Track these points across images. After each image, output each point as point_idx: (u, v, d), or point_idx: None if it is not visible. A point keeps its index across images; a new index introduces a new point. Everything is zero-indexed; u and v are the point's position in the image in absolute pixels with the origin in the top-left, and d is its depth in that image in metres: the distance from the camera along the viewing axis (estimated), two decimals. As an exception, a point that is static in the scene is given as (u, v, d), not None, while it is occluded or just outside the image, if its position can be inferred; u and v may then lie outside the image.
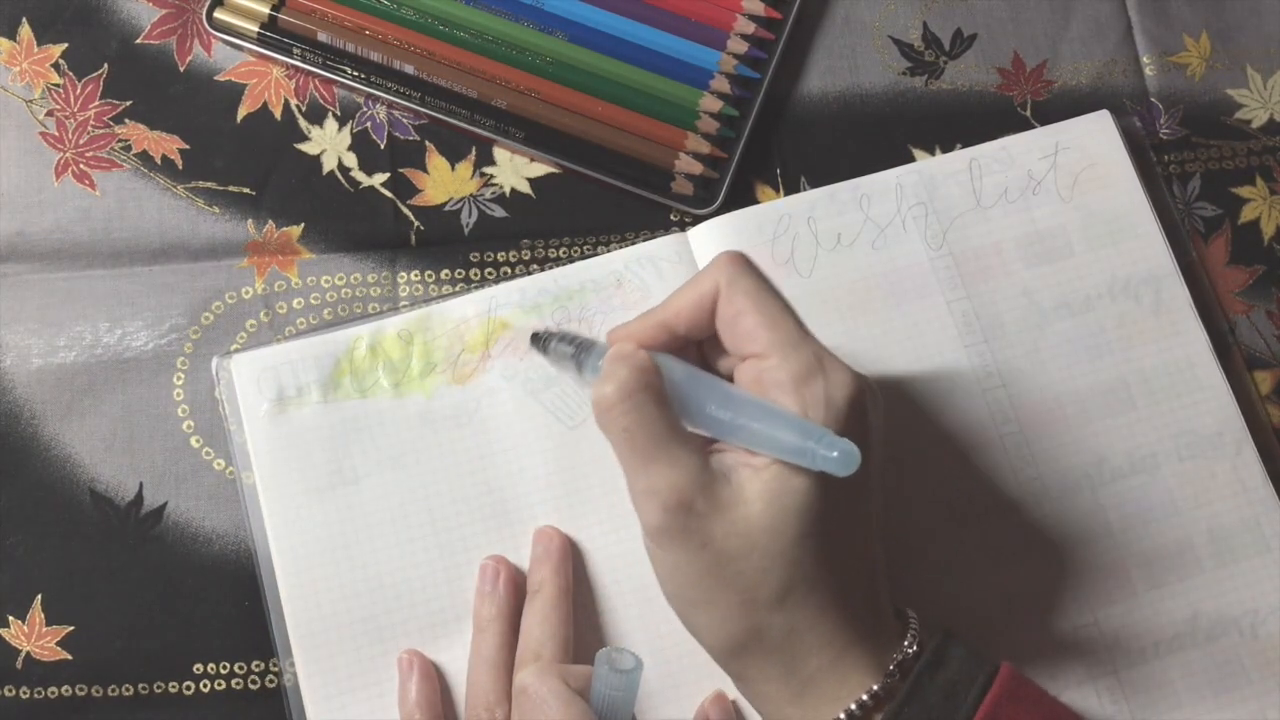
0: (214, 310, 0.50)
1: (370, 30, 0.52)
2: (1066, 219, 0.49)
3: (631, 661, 0.39)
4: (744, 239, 0.48)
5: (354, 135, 0.52)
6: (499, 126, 0.51)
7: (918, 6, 0.55)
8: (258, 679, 0.46)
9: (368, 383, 0.47)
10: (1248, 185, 0.52)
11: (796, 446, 0.34)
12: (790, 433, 0.34)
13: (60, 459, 0.48)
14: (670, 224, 0.51)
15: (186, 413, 0.48)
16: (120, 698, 0.45)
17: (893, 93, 0.53)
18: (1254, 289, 0.51)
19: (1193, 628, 0.45)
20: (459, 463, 0.46)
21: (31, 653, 0.46)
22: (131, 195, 0.51)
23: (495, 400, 0.47)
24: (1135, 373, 0.48)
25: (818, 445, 0.33)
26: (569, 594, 0.44)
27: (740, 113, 0.52)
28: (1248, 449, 0.47)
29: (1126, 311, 0.48)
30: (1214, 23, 0.54)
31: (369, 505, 0.46)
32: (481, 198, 0.52)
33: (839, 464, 0.33)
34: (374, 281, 0.50)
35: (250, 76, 0.53)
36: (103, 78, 0.53)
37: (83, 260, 0.50)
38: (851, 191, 0.50)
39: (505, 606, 0.44)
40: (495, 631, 0.43)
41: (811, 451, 0.33)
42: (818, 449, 0.33)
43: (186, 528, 0.47)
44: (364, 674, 0.44)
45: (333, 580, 0.45)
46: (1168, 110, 0.53)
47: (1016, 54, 0.54)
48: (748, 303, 0.36)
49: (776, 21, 0.53)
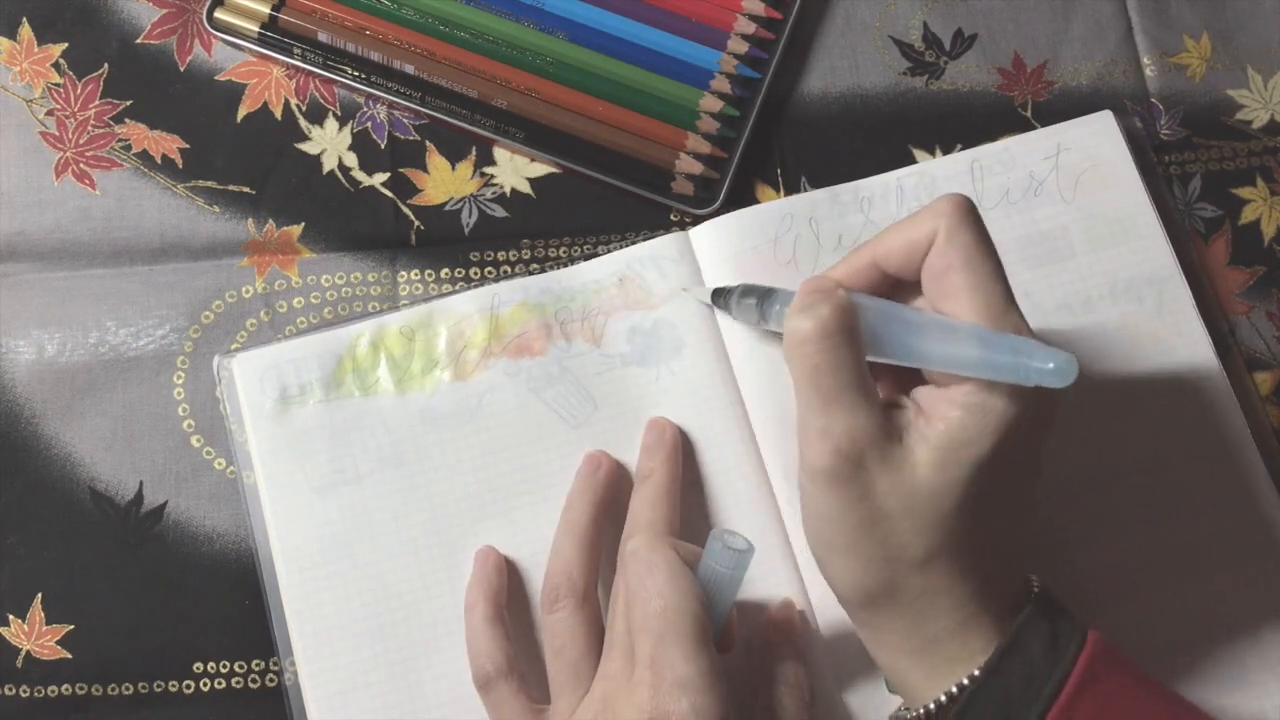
0: (214, 309, 0.50)
1: (370, 30, 0.52)
2: (1068, 220, 0.49)
3: (745, 543, 0.39)
4: (747, 238, 0.48)
5: (354, 135, 0.52)
6: (499, 126, 0.51)
7: (918, 6, 0.55)
8: (258, 678, 0.46)
9: (370, 380, 0.47)
10: (1248, 186, 0.52)
11: (1009, 363, 0.33)
12: (1000, 351, 0.33)
13: (60, 458, 0.48)
14: (671, 224, 0.51)
15: (187, 412, 0.48)
16: (120, 696, 0.45)
17: (893, 93, 0.53)
18: (1254, 290, 0.51)
19: (1193, 628, 0.45)
20: (461, 461, 0.46)
21: (31, 651, 0.46)
22: (131, 195, 0.51)
23: (497, 398, 0.47)
24: (1137, 374, 0.48)
25: (1030, 359, 0.32)
26: (678, 484, 0.44)
27: (741, 113, 0.52)
28: (1248, 449, 0.47)
29: (1128, 312, 0.48)
30: (1214, 23, 0.54)
31: (371, 503, 0.45)
32: (482, 197, 0.52)
33: (1055, 375, 0.32)
34: (374, 281, 0.50)
35: (250, 76, 0.53)
36: (103, 77, 0.53)
37: (83, 260, 0.50)
38: (853, 193, 0.50)
39: (602, 492, 0.44)
40: (587, 507, 0.44)
41: (1025, 366, 0.33)
42: (1030, 362, 0.32)
43: (187, 527, 0.47)
44: (365, 673, 0.44)
45: (334, 579, 0.45)
46: (1168, 111, 0.53)
47: (1017, 54, 0.54)
48: (960, 258, 0.35)
49: (777, 21, 0.53)
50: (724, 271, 0.48)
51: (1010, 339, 0.34)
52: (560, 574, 0.42)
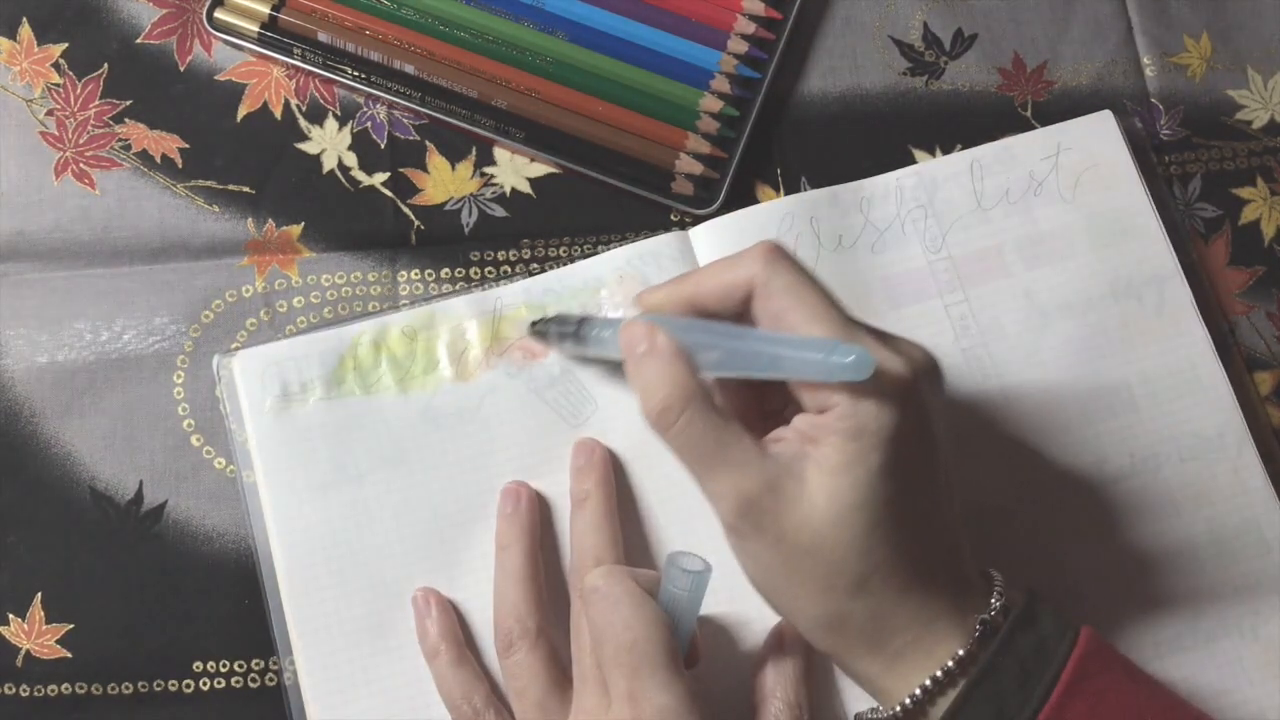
0: (214, 309, 0.50)
1: (370, 30, 0.52)
2: (1069, 220, 0.49)
3: (700, 564, 0.39)
4: (747, 238, 0.48)
5: (354, 135, 0.52)
6: (499, 126, 0.51)
7: (918, 7, 0.55)
8: (258, 677, 0.46)
9: (371, 380, 0.47)
10: (1248, 186, 0.52)
11: (813, 361, 0.34)
12: (805, 350, 0.34)
13: (60, 457, 0.48)
14: (671, 224, 0.51)
15: (187, 411, 0.48)
16: (120, 696, 0.45)
17: (893, 93, 0.53)
18: (1254, 290, 0.51)
19: (1193, 628, 0.45)
20: (462, 460, 0.46)
21: (31, 651, 0.46)
22: (131, 194, 0.51)
23: (498, 398, 0.47)
24: (1137, 374, 0.48)
25: (830, 355, 0.33)
26: (615, 503, 0.45)
27: (741, 113, 0.52)
28: (1248, 450, 0.47)
29: (1129, 312, 0.48)
30: (1214, 23, 0.54)
31: (371, 503, 0.45)
32: (482, 197, 0.52)
33: (854, 369, 0.33)
34: (374, 280, 0.50)
35: (250, 76, 0.53)
36: (103, 77, 0.53)
37: (83, 259, 0.50)
38: (853, 194, 0.50)
39: (529, 524, 0.44)
40: (521, 548, 0.44)
41: (825, 362, 0.33)
42: (830, 358, 0.33)
43: (186, 526, 0.47)
44: (365, 672, 0.44)
45: (334, 578, 0.45)
46: (1168, 111, 0.53)
47: (1017, 54, 0.54)
48: (789, 299, 0.36)
49: (777, 21, 0.53)
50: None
51: (816, 340, 0.35)
52: (509, 617, 0.42)
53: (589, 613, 0.39)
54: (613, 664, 0.38)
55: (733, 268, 0.37)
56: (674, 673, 0.37)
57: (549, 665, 0.42)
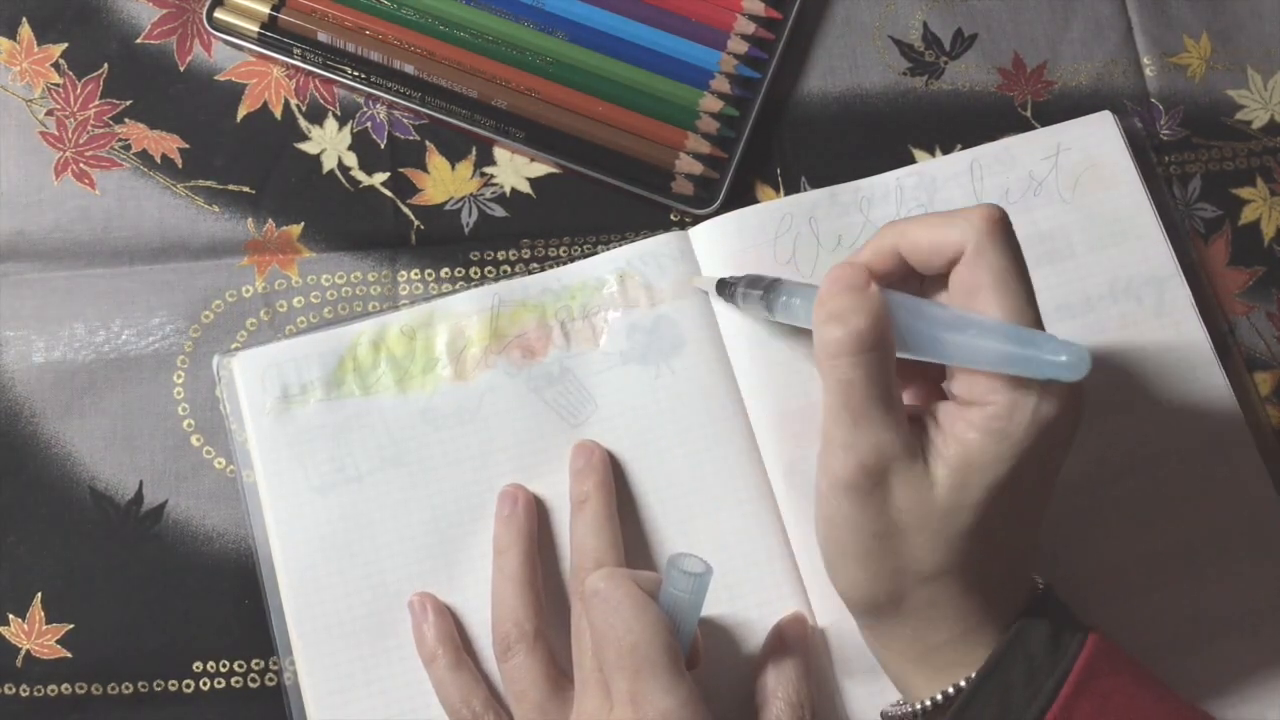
0: (214, 309, 0.50)
1: (370, 30, 0.52)
2: (1068, 220, 0.49)
3: (701, 565, 0.39)
4: (747, 238, 0.48)
5: (354, 135, 0.52)
6: (499, 126, 0.51)
7: (918, 6, 0.55)
8: (258, 677, 0.46)
9: (370, 380, 0.47)
10: (1248, 186, 0.52)
11: (1020, 355, 0.33)
12: (1017, 343, 0.33)
13: (60, 457, 0.48)
14: (671, 224, 0.51)
15: (187, 411, 0.48)
16: (120, 696, 0.45)
17: (893, 93, 0.53)
18: (1254, 290, 0.51)
19: (1193, 628, 0.45)
20: (461, 460, 0.46)
21: (31, 650, 0.46)
22: (131, 194, 0.51)
23: (498, 398, 0.47)
24: (1137, 374, 0.48)
25: (1041, 351, 0.32)
26: (614, 505, 0.45)
27: (740, 113, 0.52)
28: (1248, 450, 0.47)
29: (1128, 312, 0.48)
30: (1214, 23, 0.54)
31: (371, 503, 0.45)
32: (482, 197, 0.52)
33: (1068, 368, 0.32)
34: (374, 280, 0.50)
35: (250, 76, 0.53)
36: (103, 77, 0.53)
37: (83, 259, 0.50)
38: (853, 193, 0.50)
39: (526, 527, 0.44)
40: (518, 551, 0.44)
41: (1036, 359, 0.32)
42: (1041, 354, 0.32)
43: (186, 526, 0.47)
44: (365, 672, 0.44)
45: (334, 578, 0.45)
46: (1168, 111, 0.53)
47: (1017, 54, 0.54)
48: (989, 279, 0.35)
49: (777, 21, 0.53)
50: (724, 271, 0.48)
51: (1027, 332, 0.34)
52: (507, 621, 0.42)
53: (590, 616, 0.39)
54: (614, 667, 0.38)
55: (947, 226, 0.36)
56: (676, 675, 0.37)
57: (548, 668, 0.42)
